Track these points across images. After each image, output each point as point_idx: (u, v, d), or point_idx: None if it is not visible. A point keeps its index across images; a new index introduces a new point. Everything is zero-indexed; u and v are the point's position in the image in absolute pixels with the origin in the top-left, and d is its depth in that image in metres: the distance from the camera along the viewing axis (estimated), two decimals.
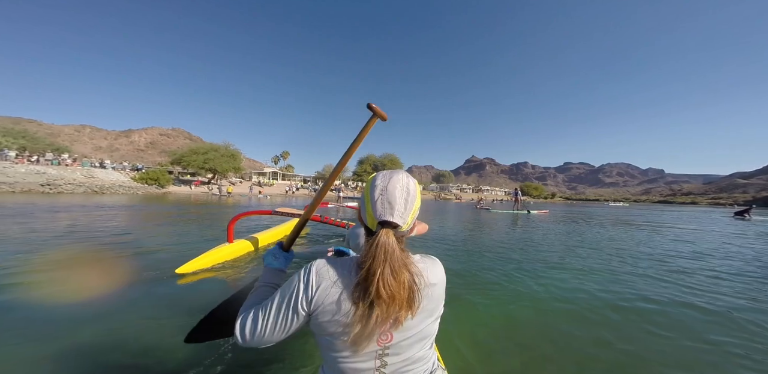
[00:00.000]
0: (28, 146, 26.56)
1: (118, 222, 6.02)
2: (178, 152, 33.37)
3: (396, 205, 0.64)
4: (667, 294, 2.63)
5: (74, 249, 3.66)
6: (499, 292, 2.56)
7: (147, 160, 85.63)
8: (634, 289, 2.75)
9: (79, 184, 19.73)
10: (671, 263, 3.91)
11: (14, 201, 10.26)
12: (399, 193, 0.65)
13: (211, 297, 2.25)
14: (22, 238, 4.06)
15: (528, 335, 1.86)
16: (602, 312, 2.22)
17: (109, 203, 11.34)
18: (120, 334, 1.70)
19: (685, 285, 2.94)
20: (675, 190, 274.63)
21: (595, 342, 1.77)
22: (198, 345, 1.62)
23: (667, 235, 7.05)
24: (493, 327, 1.96)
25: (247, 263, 3.25)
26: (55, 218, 6.29)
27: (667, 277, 3.19)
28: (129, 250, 3.62)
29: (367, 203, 0.67)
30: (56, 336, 1.66)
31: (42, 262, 3.01)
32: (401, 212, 0.65)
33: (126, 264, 3.06)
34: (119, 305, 2.07)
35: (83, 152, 74.43)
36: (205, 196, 22.18)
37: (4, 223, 5.29)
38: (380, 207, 0.64)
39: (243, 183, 38.06)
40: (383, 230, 0.63)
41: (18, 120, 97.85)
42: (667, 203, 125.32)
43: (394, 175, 0.68)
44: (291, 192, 36.55)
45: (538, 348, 1.69)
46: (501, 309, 2.23)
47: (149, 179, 25.14)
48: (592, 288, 2.73)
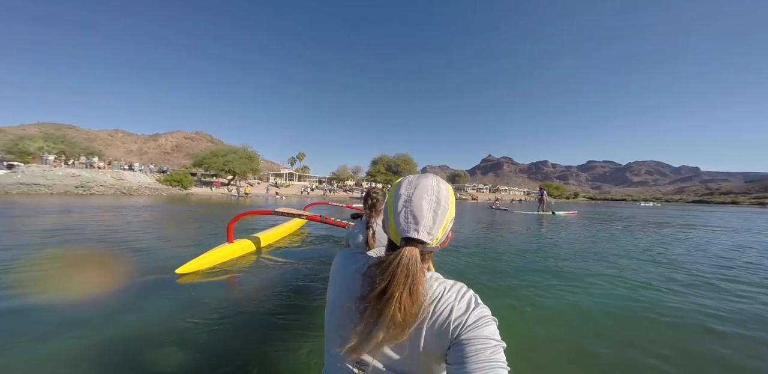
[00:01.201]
0: (66, 150, 28.49)
1: (126, 222, 6.16)
2: (200, 155, 34.74)
3: (422, 219, 0.55)
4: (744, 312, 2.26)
5: (74, 249, 3.68)
6: (529, 309, 2.29)
7: (173, 162, 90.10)
8: (701, 305, 2.39)
9: (109, 186, 20.92)
10: (742, 272, 3.46)
11: (50, 202, 10.97)
12: (426, 204, 0.56)
13: (210, 298, 2.25)
14: (20, 238, 4.17)
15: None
16: (670, 336, 1.90)
17: (133, 204, 11.85)
18: (120, 334, 1.69)
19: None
20: (712, 189, 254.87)
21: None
22: (198, 346, 1.62)
23: (724, 240, 6.28)
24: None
25: (247, 263, 3.22)
26: (66, 217, 6.56)
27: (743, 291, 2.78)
28: (130, 250, 3.65)
29: (390, 214, 0.59)
30: (56, 336, 1.66)
31: (42, 262, 3.02)
32: (428, 227, 0.56)
33: (127, 264, 3.07)
34: (119, 305, 2.06)
35: (116, 155, 79.38)
36: (225, 197, 22.92)
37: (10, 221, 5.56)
38: (403, 221, 0.56)
39: (261, 184, 39.04)
40: (407, 249, 0.55)
41: (60, 126, 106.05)
42: (703, 203, 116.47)
43: (421, 181, 0.59)
44: (306, 193, 37.13)
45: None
46: (527, 327, 1.96)
47: (173, 180, 26.26)
48: (647, 305, 2.39)
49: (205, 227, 6.12)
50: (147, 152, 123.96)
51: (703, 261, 4.06)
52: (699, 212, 21.60)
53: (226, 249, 3.24)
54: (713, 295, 2.66)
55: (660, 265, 3.76)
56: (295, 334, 1.73)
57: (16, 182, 17.51)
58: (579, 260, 3.92)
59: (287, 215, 3.46)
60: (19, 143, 25.71)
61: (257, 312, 2.03)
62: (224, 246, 3.28)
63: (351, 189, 48.54)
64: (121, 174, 24.56)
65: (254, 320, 1.92)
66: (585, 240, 5.82)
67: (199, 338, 1.68)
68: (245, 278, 2.77)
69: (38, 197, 13.95)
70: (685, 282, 3.04)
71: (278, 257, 3.61)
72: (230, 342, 1.63)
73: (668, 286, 2.88)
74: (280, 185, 41.26)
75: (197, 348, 1.56)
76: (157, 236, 4.77)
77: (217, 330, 1.77)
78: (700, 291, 2.78)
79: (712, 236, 7.06)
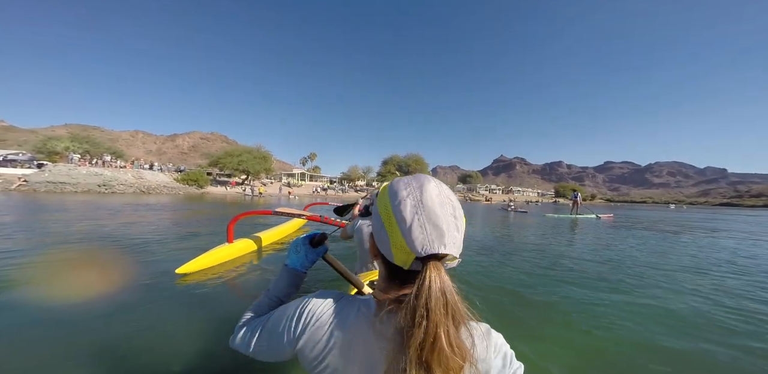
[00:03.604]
0: (90, 150, 29.68)
1: (131, 222, 6.18)
2: (216, 155, 35.56)
3: (446, 228, 0.41)
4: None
5: (75, 250, 3.68)
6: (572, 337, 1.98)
7: (189, 162, 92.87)
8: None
9: (129, 184, 21.61)
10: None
11: (74, 200, 11.30)
12: (442, 208, 0.42)
13: (210, 297, 2.26)
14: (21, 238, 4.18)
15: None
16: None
17: (152, 202, 12.06)
18: (120, 334, 1.69)
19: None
20: (741, 191, 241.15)
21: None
22: (198, 345, 1.60)
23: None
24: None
25: (247, 263, 3.23)
26: (72, 217, 6.65)
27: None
28: (131, 250, 3.66)
29: (392, 229, 0.42)
30: (57, 336, 1.65)
31: (43, 262, 3.04)
32: (454, 237, 0.42)
33: (128, 264, 3.07)
34: (119, 305, 2.06)
35: (137, 155, 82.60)
36: (239, 196, 23.30)
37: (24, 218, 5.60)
38: (419, 233, 0.40)
39: (274, 184, 39.58)
40: (432, 266, 0.40)
41: (86, 127, 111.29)
42: (732, 206, 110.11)
43: (423, 182, 0.44)
44: (317, 192, 37.41)
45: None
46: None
47: (189, 180, 26.93)
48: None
49: (210, 226, 6.07)
50: (165, 152, 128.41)
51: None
52: (733, 215, 20.20)
53: (226, 249, 3.23)
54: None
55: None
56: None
57: (44, 180, 18.30)
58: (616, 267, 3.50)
59: (287, 215, 3.42)
60: (47, 143, 26.94)
61: None
62: (224, 246, 3.27)
63: (364, 189, 48.57)
64: (141, 173, 25.35)
65: None
66: (654, 250, 5.27)
67: (200, 338, 1.69)
68: (245, 278, 2.76)
69: (63, 195, 14.47)
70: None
71: (278, 257, 3.60)
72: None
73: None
74: (293, 185, 41.69)
75: (197, 348, 1.57)
76: (159, 235, 4.75)
77: (217, 330, 1.76)
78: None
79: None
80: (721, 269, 3.78)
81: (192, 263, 2.78)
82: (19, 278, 2.50)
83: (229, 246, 3.30)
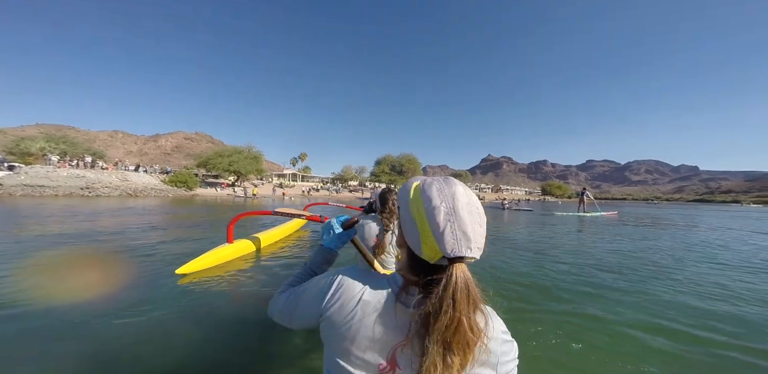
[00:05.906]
0: (68, 150, 28.05)
1: (128, 224, 5.85)
2: (204, 155, 34.29)
3: (473, 235, 0.47)
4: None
5: (75, 250, 3.67)
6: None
7: (173, 163, 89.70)
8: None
9: (114, 187, 20.49)
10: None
11: (58, 204, 10.53)
12: (470, 217, 0.48)
13: (210, 298, 2.25)
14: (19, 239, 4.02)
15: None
16: None
17: (140, 205, 11.42)
18: (120, 334, 1.68)
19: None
20: (712, 188, 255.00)
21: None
22: (198, 345, 1.60)
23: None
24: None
25: (247, 263, 3.24)
26: (73, 220, 6.18)
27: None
28: (131, 251, 3.59)
29: (424, 229, 0.48)
30: (57, 336, 1.65)
31: (44, 262, 3.02)
32: (479, 243, 0.48)
33: (127, 265, 3.05)
34: (120, 305, 2.05)
35: (117, 156, 79.03)
36: (231, 198, 22.51)
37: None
38: (450, 238, 0.46)
39: (265, 185, 38.64)
40: (458, 267, 0.47)
41: (60, 127, 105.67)
42: (705, 202, 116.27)
43: (454, 187, 0.50)
44: (308, 193, 36.70)
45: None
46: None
47: (178, 181, 25.86)
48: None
49: (208, 228, 5.75)
50: (147, 153, 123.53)
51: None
52: (721, 212, 21.18)
53: (226, 250, 3.24)
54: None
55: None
56: (295, 333, 1.71)
57: (20, 183, 17.08)
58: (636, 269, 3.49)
59: (287, 215, 3.45)
60: (20, 144, 25.27)
61: (257, 312, 2.02)
62: (224, 247, 3.28)
63: (358, 190, 48.21)
64: (126, 175, 24.14)
65: (254, 320, 1.92)
66: (661, 249, 5.29)
67: (200, 338, 1.69)
68: (245, 278, 2.76)
69: (42, 199, 13.51)
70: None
71: (278, 257, 3.61)
72: (230, 342, 1.63)
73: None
74: (285, 185, 40.87)
75: (198, 348, 1.57)
76: (158, 237, 4.68)
77: (217, 330, 1.77)
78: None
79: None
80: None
81: (192, 264, 2.78)
82: (19, 279, 2.49)
83: (229, 247, 3.30)
